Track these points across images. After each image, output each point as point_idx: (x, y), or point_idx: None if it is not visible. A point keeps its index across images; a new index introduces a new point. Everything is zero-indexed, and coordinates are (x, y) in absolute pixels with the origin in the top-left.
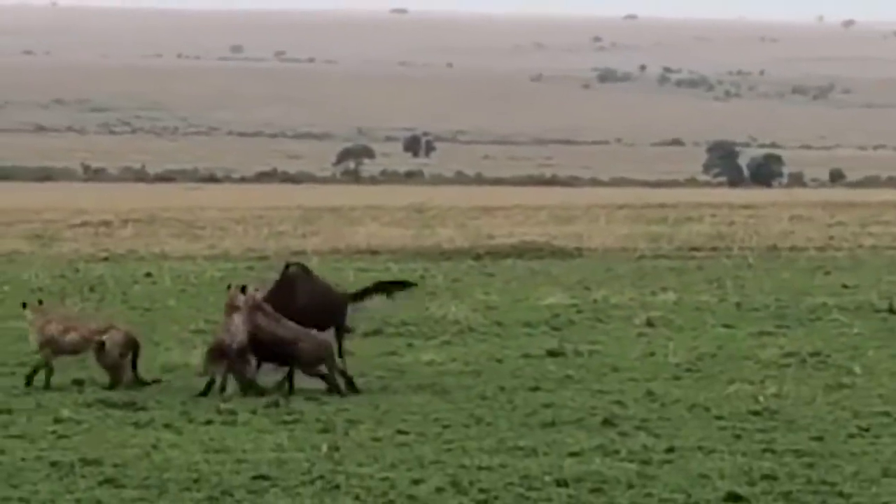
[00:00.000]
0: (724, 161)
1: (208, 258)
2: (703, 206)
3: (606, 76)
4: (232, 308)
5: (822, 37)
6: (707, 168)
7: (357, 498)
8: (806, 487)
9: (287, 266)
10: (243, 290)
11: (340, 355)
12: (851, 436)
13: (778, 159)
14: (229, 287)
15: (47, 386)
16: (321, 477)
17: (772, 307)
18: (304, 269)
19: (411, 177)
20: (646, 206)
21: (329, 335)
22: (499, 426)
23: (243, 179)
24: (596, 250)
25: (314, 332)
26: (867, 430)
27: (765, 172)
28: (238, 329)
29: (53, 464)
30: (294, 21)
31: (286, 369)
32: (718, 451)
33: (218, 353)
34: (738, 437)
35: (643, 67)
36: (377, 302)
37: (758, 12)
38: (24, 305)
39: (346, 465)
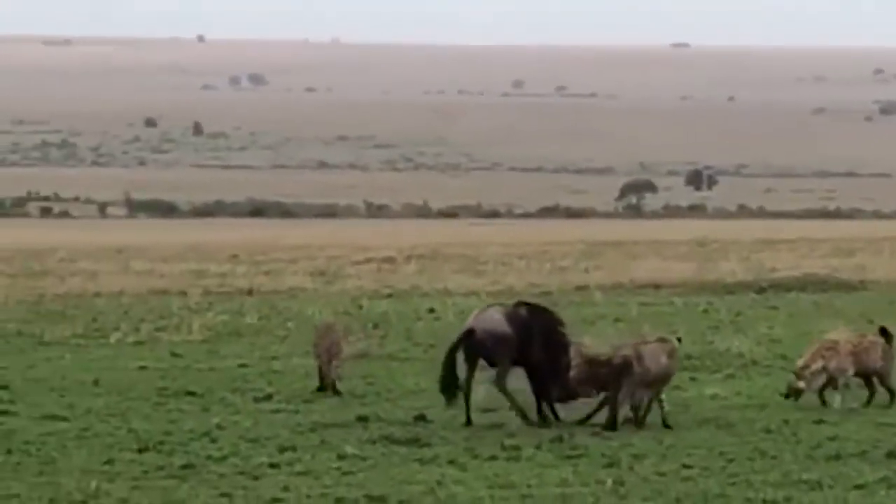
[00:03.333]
0: None
1: (491, 294)
2: None
3: (889, 109)
4: None
5: None
6: None
7: None
8: None
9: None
10: None
11: None
12: None
13: None
14: None
15: None
16: None
17: None
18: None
19: (694, 210)
20: None
21: None
22: (783, 459)
23: (526, 215)
24: (879, 282)
25: None
26: None
27: None
28: None
29: (339, 500)
30: (575, 56)
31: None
32: None
33: None
34: None
35: None
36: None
37: None
38: None
39: (630, 499)
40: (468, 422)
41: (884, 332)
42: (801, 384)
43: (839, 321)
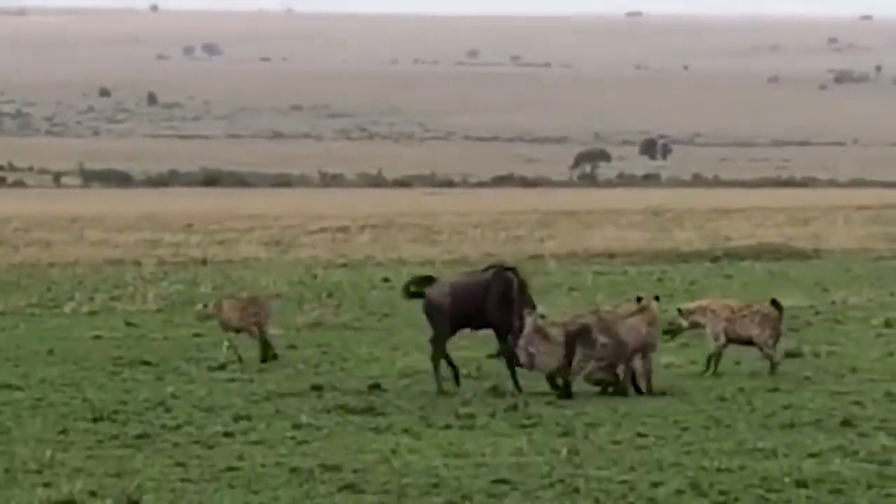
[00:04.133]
0: None
1: (446, 263)
2: None
3: (843, 77)
4: None
5: None
6: None
7: (597, 501)
8: None
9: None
10: None
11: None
12: None
13: None
14: None
15: None
16: (561, 481)
17: None
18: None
19: (648, 180)
20: (884, 207)
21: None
22: (738, 428)
23: (480, 184)
24: (834, 251)
25: None
26: None
27: None
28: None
29: (293, 469)
30: (529, 26)
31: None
32: None
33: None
34: None
35: (879, 68)
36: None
37: None
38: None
39: (585, 468)
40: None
41: (774, 302)
42: (684, 323)
43: (794, 289)
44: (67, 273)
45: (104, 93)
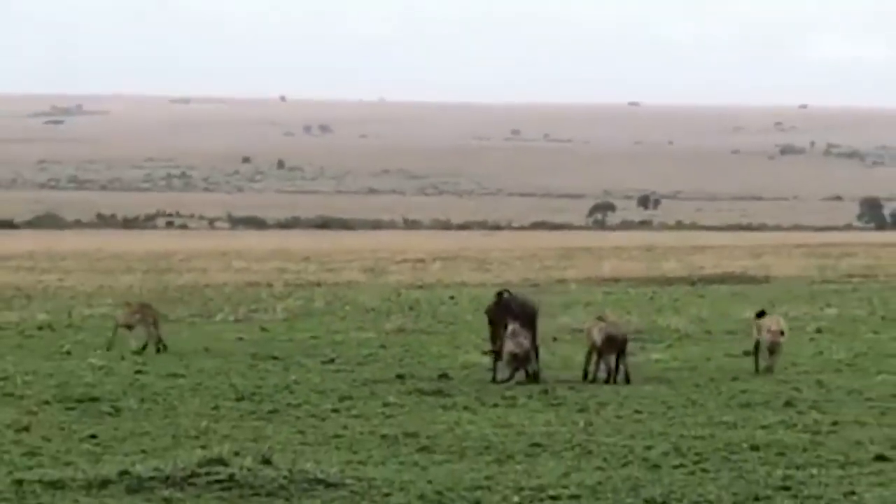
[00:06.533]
0: (872, 211)
1: (495, 285)
2: (857, 245)
3: (786, 150)
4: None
5: None
6: (860, 217)
7: (605, 460)
8: None
9: (500, 293)
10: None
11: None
12: None
13: None
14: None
15: None
16: (579, 445)
17: None
18: (511, 294)
19: (643, 225)
20: (817, 245)
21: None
22: (708, 406)
23: (520, 228)
24: (779, 277)
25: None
26: None
27: None
28: (525, 338)
29: (383, 436)
30: (557, 111)
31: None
32: (870, 424)
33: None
34: (884, 413)
35: (813, 143)
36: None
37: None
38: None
39: (597, 435)
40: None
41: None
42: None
43: (750, 305)
44: (218, 292)
45: (246, 160)
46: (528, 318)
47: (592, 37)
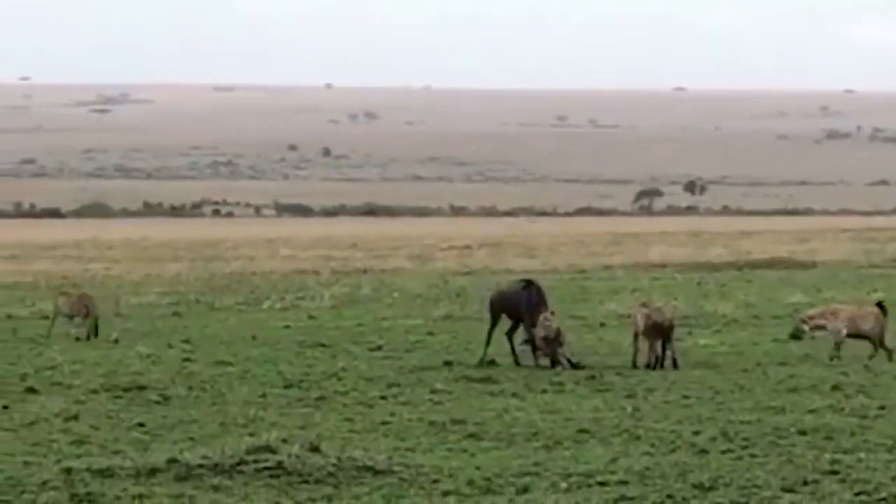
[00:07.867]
0: None
1: (542, 272)
2: None
3: (832, 135)
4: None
5: None
6: None
7: (653, 445)
8: None
9: (527, 281)
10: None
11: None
12: None
13: None
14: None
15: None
16: (627, 430)
17: None
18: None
19: (690, 210)
20: (863, 230)
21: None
22: (755, 391)
23: (566, 214)
24: (826, 262)
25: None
26: None
27: None
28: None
29: (431, 422)
30: (603, 96)
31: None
32: None
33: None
34: None
35: (859, 128)
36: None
37: None
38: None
39: (645, 421)
40: (515, 362)
41: (880, 305)
42: (805, 328)
43: (797, 290)
44: (265, 279)
45: (292, 147)
46: (516, 308)
47: (637, 22)
